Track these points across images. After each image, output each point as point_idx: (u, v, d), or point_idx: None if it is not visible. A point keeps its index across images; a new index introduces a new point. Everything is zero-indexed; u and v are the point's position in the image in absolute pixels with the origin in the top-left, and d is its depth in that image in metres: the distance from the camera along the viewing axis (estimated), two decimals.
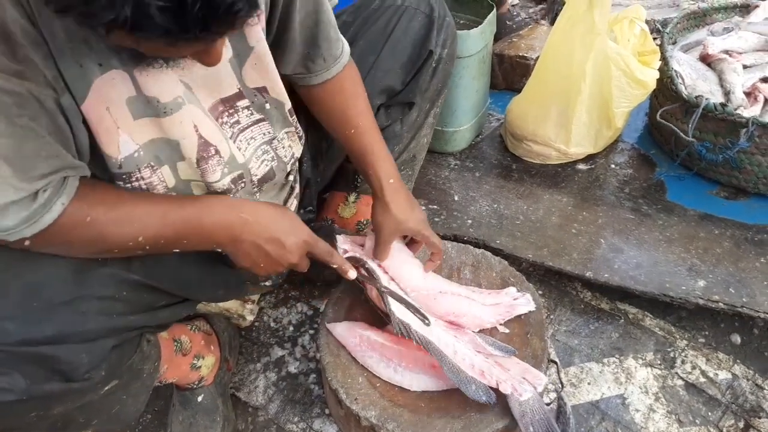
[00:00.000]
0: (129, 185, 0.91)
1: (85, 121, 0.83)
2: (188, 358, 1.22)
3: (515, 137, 1.85)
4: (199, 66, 0.89)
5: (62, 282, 0.84)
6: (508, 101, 1.90)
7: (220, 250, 0.98)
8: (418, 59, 1.30)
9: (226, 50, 0.94)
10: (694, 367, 1.37)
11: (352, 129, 1.17)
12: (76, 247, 0.86)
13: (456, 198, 1.75)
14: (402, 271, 1.24)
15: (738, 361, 1.38)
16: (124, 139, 0.87)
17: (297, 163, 1.22)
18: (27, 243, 0.81)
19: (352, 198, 1.48)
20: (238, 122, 1.00)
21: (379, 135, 1.20)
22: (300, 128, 1.16)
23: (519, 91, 1.86)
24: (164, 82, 0.87)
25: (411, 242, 1.27)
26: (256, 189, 1.06)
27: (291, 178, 1.20)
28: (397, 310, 1.16)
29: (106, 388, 0.92)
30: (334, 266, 1.10)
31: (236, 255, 0.99)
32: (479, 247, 1.43)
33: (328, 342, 1.23)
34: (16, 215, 0.77)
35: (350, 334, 1.23)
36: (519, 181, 1.79)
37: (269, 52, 1.00)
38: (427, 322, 1.15)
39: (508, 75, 2.16)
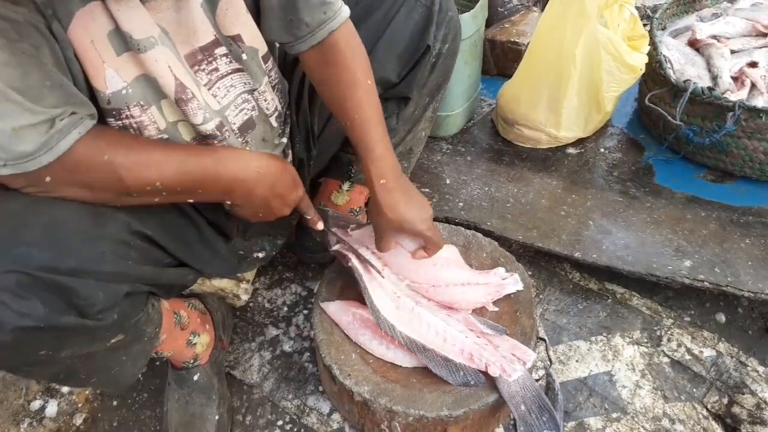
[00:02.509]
0: (119, 122, 0.93)
1: (75, 53, 0.85)
2: (185, 333, 1.24)
3: (506, 122, 1.87)
4: (172, 11, 0.91)
5: (82, 220, 0.86)
6: (500, 87, 1.91)
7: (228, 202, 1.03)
8: (415, 53, 1.28)
9: None
10: (679, 345, 1.40)
11: (348, 121, 1.13)
12: (95, 189, 0.88)
13: (448, 181, 1.77)
14: (396, 263, 1.26)
15: (722, 339, 1.41)
16: (110, 74, 0.88)
17: (287, 124, 1.22)
18: (48, 179, 0.83)
19: (345, 186, 1.49)
20: (216, 69, 1.01)
21: (378, 126, 1.13)
22: (281, 78, 1.15)
23: (511, 77, 1.87)
24: (138, 19, 0.88)
25: None
26: (239, 138, 1.07)
27: (284, 140, 1.20)
28: (382, 308, 1.19)
29: (113, 340, 0.94)
30: (308, 218, 1.19)
31: (243, 206, 1.04)
32: (470, 229, 1.45)
33: (322, 320, 1.25)
34: (35, 140, 0.79)
35: (343, 312, 1.25)
36: (510, 165, 1.82)
37: None
38: (397, 295, 1.21)
39: (500, 61, 2.17)
